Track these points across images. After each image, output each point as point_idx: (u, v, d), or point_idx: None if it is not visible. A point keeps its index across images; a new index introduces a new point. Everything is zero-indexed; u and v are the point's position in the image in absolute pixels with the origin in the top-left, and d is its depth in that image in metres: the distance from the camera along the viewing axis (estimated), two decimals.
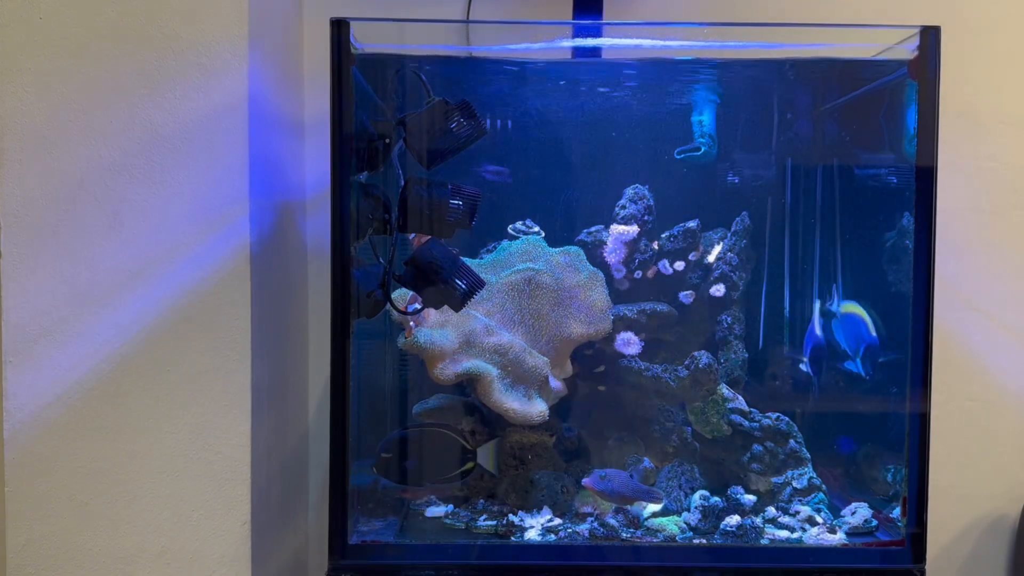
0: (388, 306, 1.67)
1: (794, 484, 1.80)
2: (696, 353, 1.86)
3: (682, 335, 1.96)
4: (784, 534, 1.69)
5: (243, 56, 1.59)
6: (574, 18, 1.91)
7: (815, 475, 1.82)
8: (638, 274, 1.94)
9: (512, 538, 1.68)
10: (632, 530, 1.70)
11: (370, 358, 1.86)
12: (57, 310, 1.58)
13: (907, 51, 1.61)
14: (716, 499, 1.73)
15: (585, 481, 1.72)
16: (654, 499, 1.74)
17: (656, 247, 1.94)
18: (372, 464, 1.69)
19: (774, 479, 1.82)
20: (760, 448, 1.83)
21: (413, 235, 1.67)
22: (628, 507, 1.74)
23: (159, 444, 1.61)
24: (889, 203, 1.85)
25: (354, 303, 1.58)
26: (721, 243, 1.94)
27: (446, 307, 1.67)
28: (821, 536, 1.68)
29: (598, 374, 1.91)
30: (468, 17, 2.01)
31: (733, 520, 1.67)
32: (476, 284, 1.66)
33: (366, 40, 1.60)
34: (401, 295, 1.75)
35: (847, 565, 1.62)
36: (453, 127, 1.59)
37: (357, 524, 1.67)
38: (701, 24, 1.87)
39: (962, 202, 2.05)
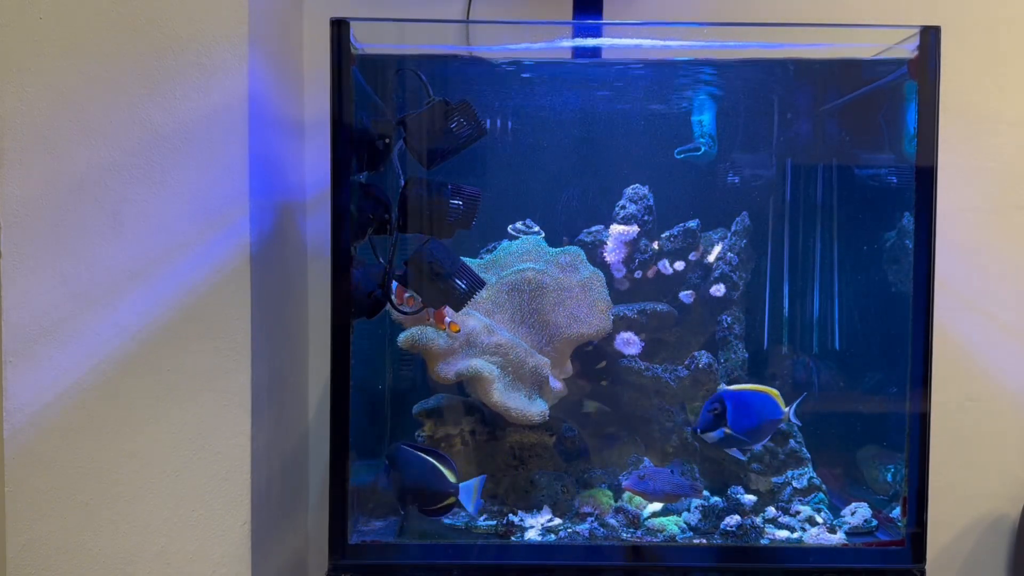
0: (388, 306, 1.67)
1: (794, 484, 1.80)
2: (696, 353, 1.86)
3: (682, 335, 1.96)
4: (784, 534, 1.69)
5: (243, 56, 1.59)
6: (574, 18, 1.91)
7: (815, 475, 1.82)
8: (638, 274, 1.94)
9: (512, 538, 1.68)
10: (632, 530, 1.70)
11: (370, 358, 1.85)
12: (57, 310, 1.58)
13: (907, 51, 1.61)
14: (716, 499, 1.73)
15: (625, 484, 1.72)
16: (696, 493, 1.74)
17: (656, 247, 1.94)
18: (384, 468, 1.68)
19: (774, 479, 1.82)
20: (760, 448, 1.83)
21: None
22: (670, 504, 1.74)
23: (159, 444, 1.61)
24: (889, 203, 1.85)
25: (354, 303, 1.58)
26: (721, 243, 1.94)
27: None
28: (821, 536, 1.68)
29: (599, 370, 1.91)
30: (468, 17, 2.01)
31: (733, 520, 1.67)
32: (476, 284, 1.66)
33: (366, 40, 1.60)
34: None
35: (847, 565, 1.62)
36: (453, 127, 1.59)
37: (357, 524, 1.67)
38: (701, 24, 1.87)
39: (962, 202, 2.05)
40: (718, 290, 1.91)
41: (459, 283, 1.64)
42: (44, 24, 1.56)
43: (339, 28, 1.55)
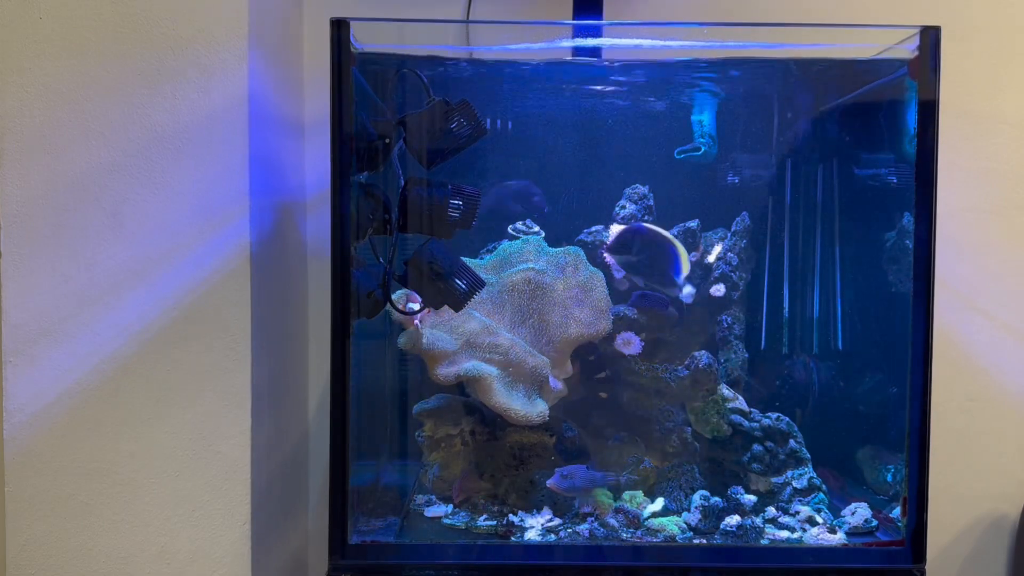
0: (388, 306, 1.67)
1: (794, 484, 1.80)
2: (696, 353, 1.86)
3: (682, 335, 1.96)
4: (784, 534, 1.69)
5: (243, 56, 1.59)
6: (574, 18, 1.91)
7: (815, 475, 1.82)
8: None
9: (512, 538, 1.68)
10: (632, 530, 1.70)
11: (370, 358, 1.85)
12: (57, 310, 1.58)
13: (907, 51, 1.61)
14: (716, 499, 1.73)
15: (549, 483, 1.72)
16: (609, 483, 1.75)
17: None
18: None
19: (774, 479, 1.82)
20: (760, 448, 1.83)
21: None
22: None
23: (159, 444, 1.61)
24: (889, 203, 1.85)
25: (354, 303, 1.58)
26: (721, 243, 1.94)
27: (446, 307, 1.67)
28: (821, 536, 1.68)
29: (600, 380, 1.91)
30: (468, 17, 2.01)
31: (733, 520, 1.67)
32: (476, 284, 1.66)
33: (366, 40, 1.60)
34: (403, 295, 1.75)
35: (847, 565, 1.62)
36: (453, 127, 1.59)
37: (357, 524, 1.66)
38: (701, 24, 1.87)
39: (962, 202, 2.05)
40: (718, 290, 1.91)
41: (459, 283, 1.64)
42: (44, 24, 1.57)
43: (339, 28, 1.55)
